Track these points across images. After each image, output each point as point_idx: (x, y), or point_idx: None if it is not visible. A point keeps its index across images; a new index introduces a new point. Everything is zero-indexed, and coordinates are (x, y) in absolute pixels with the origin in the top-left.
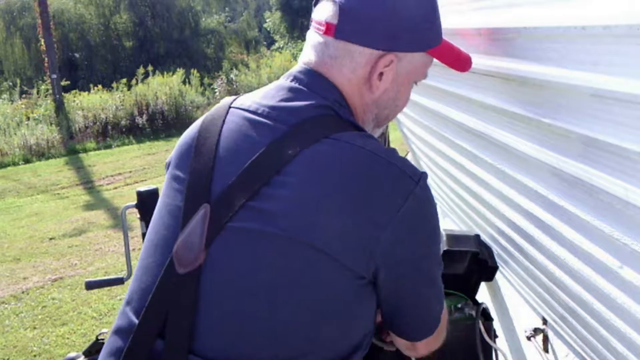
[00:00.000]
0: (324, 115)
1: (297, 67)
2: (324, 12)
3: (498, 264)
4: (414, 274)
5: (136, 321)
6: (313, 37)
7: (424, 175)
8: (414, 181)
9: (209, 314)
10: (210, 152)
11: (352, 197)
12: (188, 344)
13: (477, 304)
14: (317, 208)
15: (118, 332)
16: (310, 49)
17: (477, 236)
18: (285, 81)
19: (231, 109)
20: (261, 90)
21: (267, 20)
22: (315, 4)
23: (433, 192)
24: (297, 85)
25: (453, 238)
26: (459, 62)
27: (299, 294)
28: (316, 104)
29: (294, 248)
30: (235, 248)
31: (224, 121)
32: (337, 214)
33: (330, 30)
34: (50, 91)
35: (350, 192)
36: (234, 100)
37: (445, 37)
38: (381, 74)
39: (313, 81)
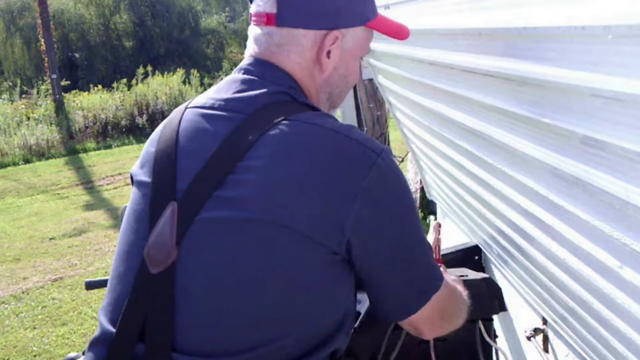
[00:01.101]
0: (280, 100)
1: (245, 60)
2: (261, 4)
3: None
4: (387, 247)
5: (113, 330)
6: (254, 30)
7: (386, 149)
8: (375, 153)
9: (188, 310)
10: (170, 152)
11: (316, 174)
12: (170, 343)
13: None
14: (284, 188)
15: (96, 343)
16: (254, 42)
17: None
18: (236, 74)
19: (187, 110)
20: (214, 87)
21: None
22: (252, 1)
23: (433, 192)
24: (248, 76)
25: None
26: (396, 32)
27: (275, 276)
28: (270, 90)
29: (265, 230)
30: (206, 240)
31: (180, 122)
32: (304, 191)
33: (271, 20)
34: (50, 91)
35: (314, 169)
36: (190, 102)
37: (444, 36)
38: (329, 52)
39: (264, 70)
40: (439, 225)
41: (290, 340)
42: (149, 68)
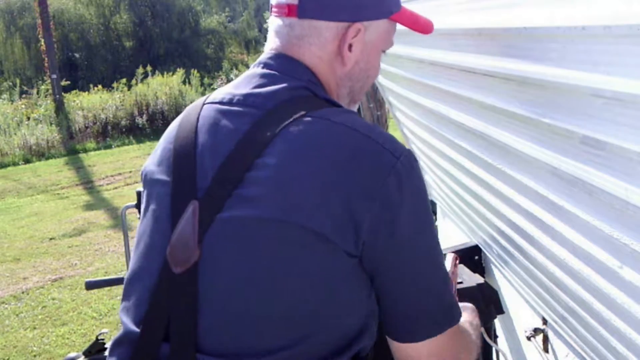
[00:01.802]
0: (300, 96)
1: (265, 53)
2: None
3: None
4: (401, 257)
5: (137, 330)
6: (275, 22)
7: (406, 152)
8: (394, 157)
9: (212, 310)
10: (190, 150)
11: (333, 173)
12: (194, 343)
13: None
14: (299, 187)
15: (120, 344)
16: (275, 35)
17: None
18: (256, 69)
19: (205, 105)
20: (233, 82)
21: (267, 20)
22: None
23: (433, 192)
24: (268, 70)
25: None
26: (420, 25)
27: (293, 277)
28: (290, 85)
29: (281, 230)
30: (226, 239)
31: (198, 118)
32: (319, 191)
33: (292, 11)
34: (50, 91)
35: (330, 168)
36: (207, 97)
37: (444, 36)
38: (350, 45)
39: (283, 64)
40: (456, 259)
41: (313, 341)
42: (149, 68)
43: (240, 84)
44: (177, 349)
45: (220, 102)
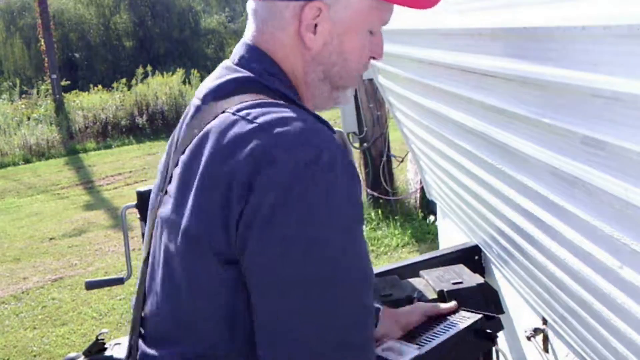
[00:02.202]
0: (243, 88)
1: (239, 42)
2: None
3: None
4: (268, 274)
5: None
6: (249, 5)
7: (314, 148)
8: (283, 149)
9: (150, 302)
10: (173, 143)
11: (213, 172)
12: (138, 330)
13: None
14: (188, 187)
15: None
16: (251, 19)
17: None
18: (225, 60)
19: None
20: None
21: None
22: None
23: (433, 192)
24: (229, 62)
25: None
26: (416, 0)
27: (184, 281)
28: (237, 78)
29: (175, 233)
30: (156, 236)
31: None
32: (200, 191)
33: None
34: (50, 91)
35: (212, 167)
36: None
37: (444, 36)
38: (315, 26)
39: (244, 54)
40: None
41: (224, 346)
42: (149, 68)
43: (212, 74)
44: (132, 334)
45: (196, 95)
